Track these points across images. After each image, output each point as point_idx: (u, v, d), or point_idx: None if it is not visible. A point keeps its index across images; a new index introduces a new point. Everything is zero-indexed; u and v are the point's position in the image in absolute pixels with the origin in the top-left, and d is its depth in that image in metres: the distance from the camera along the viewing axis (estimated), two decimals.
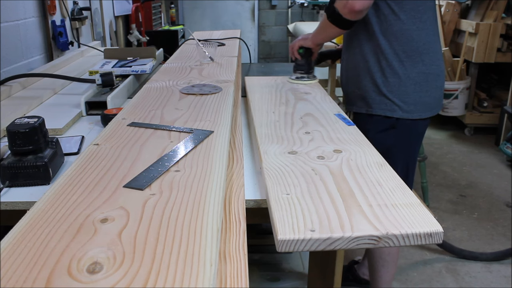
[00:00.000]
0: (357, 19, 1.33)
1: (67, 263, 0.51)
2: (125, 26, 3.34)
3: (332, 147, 1.00)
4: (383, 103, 1.42)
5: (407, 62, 1.38)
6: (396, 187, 0.82)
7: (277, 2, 5.79)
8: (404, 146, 1.48)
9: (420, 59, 1.39)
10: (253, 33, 5.81)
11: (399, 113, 1.42)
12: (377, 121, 1.45)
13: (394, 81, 1.40)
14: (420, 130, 1.50)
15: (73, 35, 2.30)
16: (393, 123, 1.43)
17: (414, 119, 1.43)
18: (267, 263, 1.96)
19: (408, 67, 1.39)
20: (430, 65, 1.41)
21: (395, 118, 1.43)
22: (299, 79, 1.60)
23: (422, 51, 1.39)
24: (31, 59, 1.92)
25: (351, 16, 1.32)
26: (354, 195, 0.78)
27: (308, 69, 1.62)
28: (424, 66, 1.40)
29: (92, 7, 2.65)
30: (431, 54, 1.41)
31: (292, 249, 0.67)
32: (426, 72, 1.40)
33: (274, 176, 0.85)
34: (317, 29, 1.53)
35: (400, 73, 1.39)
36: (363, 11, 1.30)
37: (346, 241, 0.68)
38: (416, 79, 1.40)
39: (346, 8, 1.30)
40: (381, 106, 1.43)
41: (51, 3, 2.09)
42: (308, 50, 1.61)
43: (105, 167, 0.77)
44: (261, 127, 1.12)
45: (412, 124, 1.44)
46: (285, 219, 0.71)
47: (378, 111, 1.44)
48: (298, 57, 1.62)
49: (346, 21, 1.34)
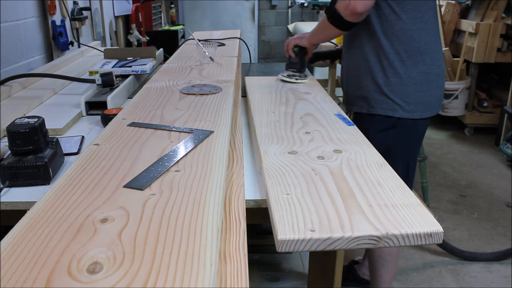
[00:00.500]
0: (358, 21, 1.34)
1: (67, 263, 0.51)
2: (125, 26, 3.34)
3: (332, 147, 0.99)
4: (384, 103, 1.42)
5: (408, 62, 1.38)
6: (396, 187, 0.82)
7: (277, 2, 5.79)
8: (405, 146, 1.48)
9: (421, 58, 1.39)
10: (253, 33, 5.81)
11: (400, 112, 1.42)
12: (378, 120, 1.45)
13: (396, 80, 1.40)
14: (420, 129, 1.50)
15: (73, 35, 2.30)
16: (394, 122, 1.44)
17: (415, 119, 1.43)
18: (267, 263, 1.96)
19: (409, 67, 1.39)
20: (431, 65, 1.41)
21: (396, 118, 1.43)
22: (290, 77, 1.59)
23: (423, 51, 1.39)
24: (31, 59, 1.92)
25: (352, 18, 1.32)
26: (354, 195, 0.78)
27: (300, 68, 1.61)
28: (425, 66, 1.40)
29: (92, 7, 2.65)
30: (432, 54, 1.41)
31: (292, 249, 0.67)
32: (427, 72, 1.41)
33: (274, 176, 0.85)
34: (315, 29, 1.53)
35: (401, 73, 1.39)
36: (365, 13, 1.31)
37: (346, 241, 0.68)
38: (417, 79, 1.40)
39: (347, 10, 1.30)
40: (382, 105, 1.43)
41: (51, 3, 2.09)
42: (303, 50, 1.61)
43: (105, 167, 0.77)
44: (261, 127, 1.12)
45: (413, 123, 1.44)
46: (285, 219, 0.71)
47: (379, 110, 1.44)
48: (292, 55, 1.62)
49: (347, 22, 1.34)
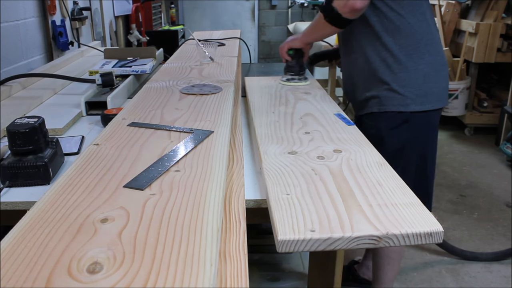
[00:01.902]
0: (356, 17, 1.34)
1: (67, 263, 0.51)
2: (125, 26, 3.34)
3: (332, 147, 0.99)
4: (395, 99, 1.40)
5: (414, 54, 1.38)
6: (396, 187, 0.82)
7: (277, 2, 5.79)
8: (420, 140, 1.46)
9: (426, 50, 1.39)
10: (253, 33, 5.81)
11: (412, 106, 1.40)
12: (390, 117, 1.42)
13: (404, 75, 1.39)
14: (434, 121, 1.48)
15: (73, 35, 2.30)
16: (406, 117, 1.42)
17: (426, 111, 1.42)
18: (267, 263, 1.96)
19: (416, 60, 1.38)
20: (436, 55, 1.41)
21: (409, 112, 1.41)
22: (290, 80, 1.57)
23: (427, 42, 1.39)
24: (31, 59, 1.92)
25: (351, 15, 1.32)
26: (354, 195, 0.78)
27: (298, 71, 1.58)
28: (431, 57, 1.40)
29: (92, 7, 2.65)
30: (434, 44, 1.41)
31: (292, 250, 0.67)
32: (433, 62, 1.40)
33: (274, 176, 0.85)
34: (308, 29, 1.53)
35: (409, 67, 1.38)
36: (363, 9, 1.31)
37: (346, 241, 0.68)
38: (425, 70, 1.39)
39: (346, 7, 1.30)
40: (393, 102, 1.41)
41: (51, 3, 2.09)
42: (299, 51, 1.58)
43: (105, 167, 0.77)
44: (261, 127, 1.12)
45: (425, 116, 1.43)
46: (285, 219, 0.71)
47: (391, 107, 1.41)
48: (288, 58, 1.59)
49: (345, 20, 1.34)
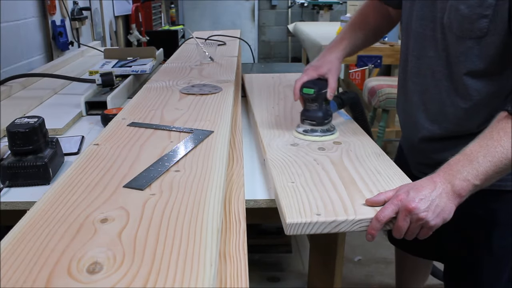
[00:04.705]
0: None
1: (67, 263, 0.51)
2: (125, 26, 3.34)
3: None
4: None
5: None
6: (394, 175, 0.86)
7: (277, 2, 5.79)
8: None
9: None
10: (253, 33, 5.80)
11: None
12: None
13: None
14: None
15: (73, 35, 2.30)
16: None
17: None
18: (267, 263, 1.96)
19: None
20: None
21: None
22: (308, 132, 1.04)
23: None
24: (31, 59, 1.92)
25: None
26: (355, 182, 0.82)
27: (323, 119, 1.04)
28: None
29: (92, 7, 2.65)
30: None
31: (300, 232, 0.71)
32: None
33: (279, 166, 0.89)
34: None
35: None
36: None
37: (350, 223, 0.72)
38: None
39: None
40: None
41: (51, 3, 2.08)
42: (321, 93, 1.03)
43: (105, 167, 0.77)
44: (262, 122, 1.14)
45: None
46: (292, 204, 0.75)
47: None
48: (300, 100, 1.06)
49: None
